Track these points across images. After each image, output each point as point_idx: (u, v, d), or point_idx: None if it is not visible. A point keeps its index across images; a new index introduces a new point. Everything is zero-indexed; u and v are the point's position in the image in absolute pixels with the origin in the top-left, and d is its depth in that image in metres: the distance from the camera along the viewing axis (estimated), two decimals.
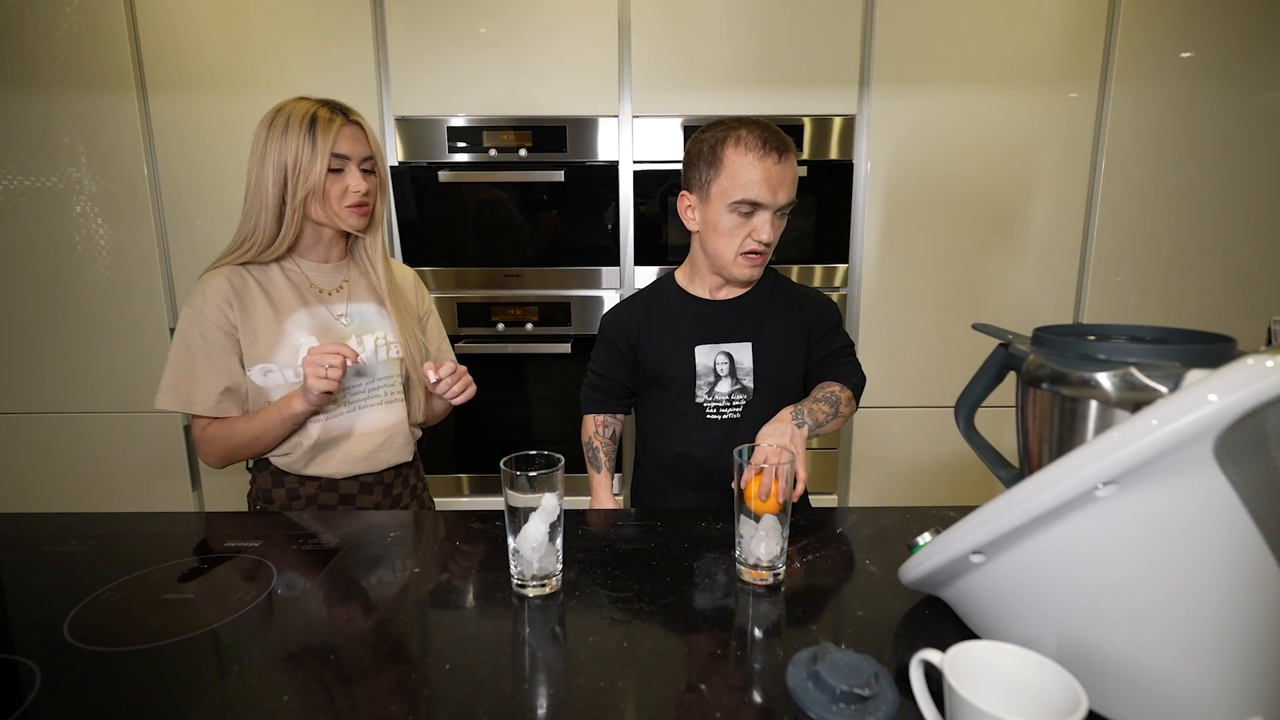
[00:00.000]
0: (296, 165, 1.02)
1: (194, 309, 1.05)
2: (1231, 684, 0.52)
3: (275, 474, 1.12)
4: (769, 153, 1.01)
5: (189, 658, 0.68)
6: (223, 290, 1.05)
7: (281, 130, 1.02)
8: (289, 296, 1.09)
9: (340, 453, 1.11)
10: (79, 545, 0.92)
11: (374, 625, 0.73)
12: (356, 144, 1.05)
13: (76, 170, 1.82)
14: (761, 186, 1.02)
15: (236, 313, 1.05)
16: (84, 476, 1.97)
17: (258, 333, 1.06)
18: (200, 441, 1.09)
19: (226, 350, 1.05)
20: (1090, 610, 0.55)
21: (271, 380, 1.06)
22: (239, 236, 1.07)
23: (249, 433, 1.05)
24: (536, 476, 0.77)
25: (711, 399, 1.15)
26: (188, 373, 1.05)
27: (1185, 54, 1.80)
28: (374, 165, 1.09)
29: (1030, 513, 0.54)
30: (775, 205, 1.04)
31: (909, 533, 0.92)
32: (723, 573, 0.84)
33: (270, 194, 1.03)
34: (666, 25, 1.80)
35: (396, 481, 1.19)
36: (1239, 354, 0.61)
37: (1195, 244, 1.89)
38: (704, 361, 1.14)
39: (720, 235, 1.07)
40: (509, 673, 0.65)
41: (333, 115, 1.04)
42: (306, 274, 1.12)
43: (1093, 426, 0.65)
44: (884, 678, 0.58)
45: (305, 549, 0.90)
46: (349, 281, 1.15)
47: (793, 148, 1.05)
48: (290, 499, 1.12)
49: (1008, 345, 0.77)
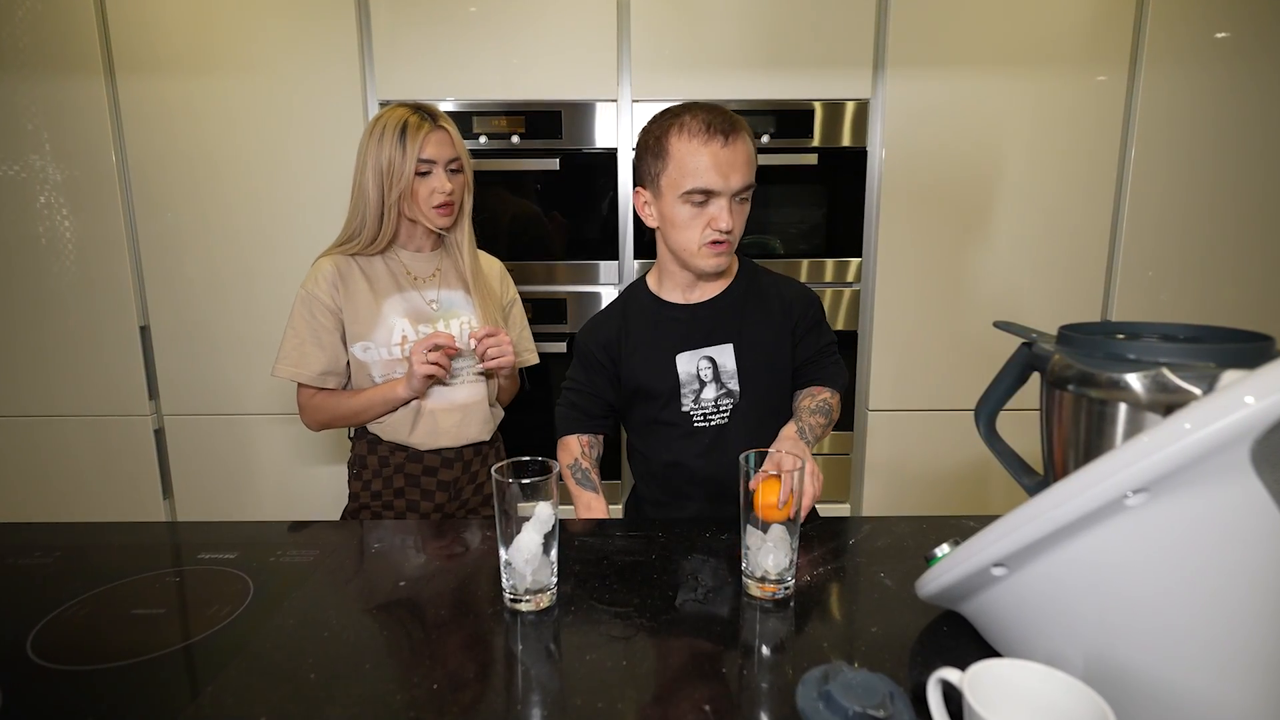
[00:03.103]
0: (390, 169, 1.19)
1: (306, 291, 1.24)
2: (1268, 706, 0.52)
3: (371, 442, 1.31)
4: (714, 136, 1.01)
5: (160, 677, 0.68)
6: (330, 275, 1.24)
7: (379, 138, 1.19)
8: (387, 283, 1.27)
9: (425, 426, 1.27)
10: (43, 557, 0.92)
11: (356, 642, 0.73)
12: (442, 148, 1.21)
13: (40, 158, 1.82)
14: (711, 173, 1.02)
15: (341, 295, 1.24)
16: (49, 484, 1.97)
17: (359, 313, 1.24)
18: (305, 408, 1.29)
19: (331, 329, 1.25)
20: (1120, 627, 0.55)
21: (370, 356, 1.25)
22: (346, 232, 1.26)
23: (353, 407, 1.26)
24: (530, 484, 0.77)
25: (698, 406, 1.15)
26: (297, 347, 1.24)
27: (1220, 34, 1.80)
28: (460, 165, 1.25)
29: (1055, 522, 0.54)
30: (729, 190, 1.03)
31: (926, 544, 0.92)
32: (728, 586, 0.84)
33: (371, 195, 1.21)
34: (668, 4, 1.80)
35: (475, 459, 1.36)
36: (1277, 354, 0.61)
37: (1231, 237, 1.89)
38: (686, 369, 1.15)
39: (679, 229, 1.07)
40: (500, 693, 0.65)
41: (421, 122, 1.20)
42: (404, 263, 1.29)
43: (1122, 431, 0.65)
44: (900, 698, 0.59)
45: (283, 560, 0.90)
46: (441, 270, 1.32)
47: (744, 127, 1.04)
48: (381, 466, 1.30)
49: (1031, 344, 0.77)
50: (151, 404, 1.94)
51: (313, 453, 1.98)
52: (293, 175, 1.84)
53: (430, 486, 1.31)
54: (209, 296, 1.90)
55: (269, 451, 1.98)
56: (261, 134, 1.83)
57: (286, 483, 2.00)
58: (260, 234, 1.87)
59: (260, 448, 1.98)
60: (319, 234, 1.64)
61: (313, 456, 1.98)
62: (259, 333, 1.90)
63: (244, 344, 1.91)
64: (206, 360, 1.93)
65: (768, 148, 1.85)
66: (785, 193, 1.89)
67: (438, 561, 0.92)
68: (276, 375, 1.25)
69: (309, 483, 2.00)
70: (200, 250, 1.88)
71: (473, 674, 0.68)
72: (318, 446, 1.97)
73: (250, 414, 1.95)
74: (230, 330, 1.91)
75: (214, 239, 1.87)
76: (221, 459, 1.98)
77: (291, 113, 1.82)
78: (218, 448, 1.98)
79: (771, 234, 1.91)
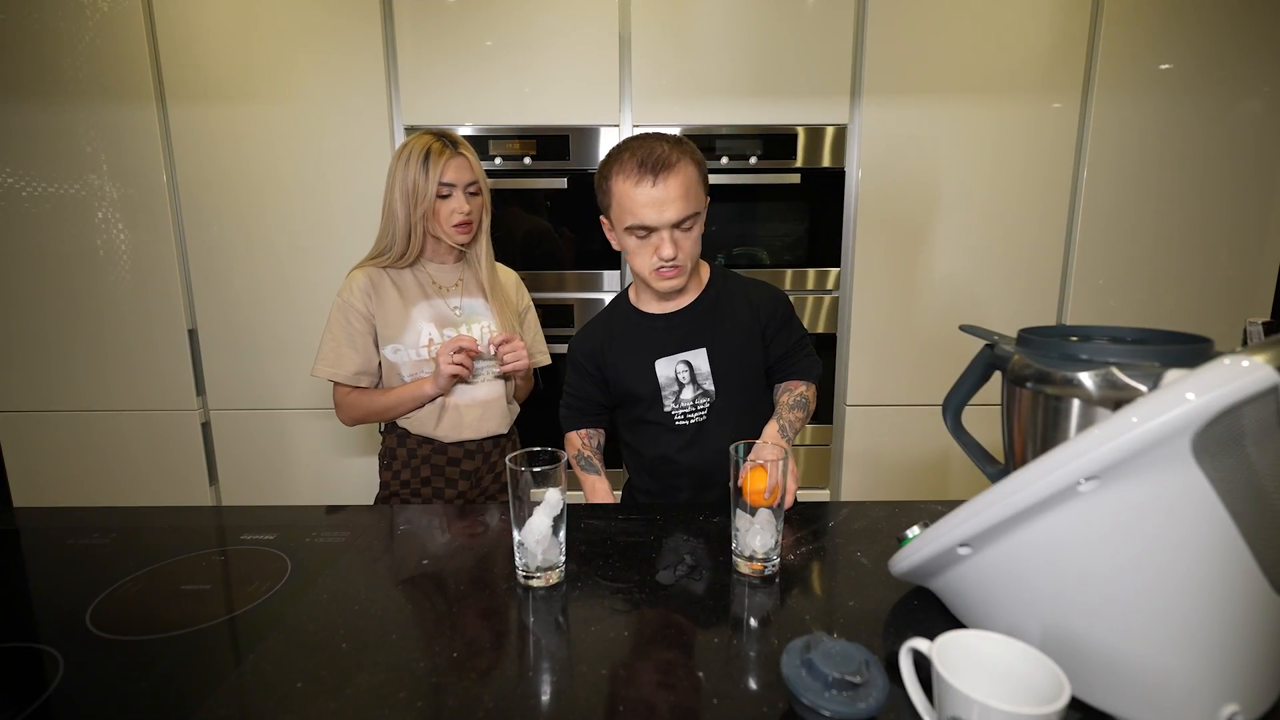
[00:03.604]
0: (415, 191, 1.20)
1: (342, 299, 1.25)
2: (1208, 672, 0.52)
3: (400, 435, 1.31)
4: (644, 176, 0.99)
5: (206, 646, 0.68)
6: (363, 284, 1.25)
7: (405, 162, 1.20)
8: (414, 291, 1.27)
9: (449, 420, 1.28)
10: (101, 538, 0.92)
11: (384, 615, 0.73)
12: (461, 172, 1.21)
13: (98, 177, 1.82)
14: (646, 210, 1.00)
15: (373, 302, 1.25)
16: (106, 472, 1.97)
17: (390, 319, 1.25)
18: (341, 405, 1.29)
19: (364, 333, 1.25)
20: (1073, 601, 0.55)
21: (400, 357, 1.26)
22: (378, 247, 1.27)
23: (385, 403, 1.26)
24: (540, 472, 0.77)
25: (678, 406, 1.15)
26: (334, 349, 1.25)
27: (1164, 66, 1.80)
28: (478, 188, 1.25)
29: (1015, 507, 0.54)
30: (665, 224, 1.01)
31: (898, 526, 0.92)
32: (719, 565, 0.84)
33: (399, 214, 1.22)
34: (665, 38, 1.80)
35: (495, 451, 1.35)
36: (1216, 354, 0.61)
37: (1173, 248, 1.89)
38: (665, 373, 1.15)
39: (633, 255, 1.07)
40: (514, 660, 0.65)
41: (443, 149, 1.20)
42: (430, 274, 1.30)
43: (1075, 424, 0.65)
44: (874, 665, 0.58)
45: (318, 541, 0.90)
46: (463, 280, 1.32)
47: (679, 160, 1.00)
48: (409, 457, 1.31)
49: (993, 346, 0.77)
50: (199, 400, 1.94)
51: (346, 445, 1.98)
52: (326, 193, 1.84)
53: (454, 475, 1.31)
54: (251, 302, 1.90)
55: (306, 443, 1.98)
56: (298, 155, 1.83)
57: (322, 472, 2.00)
58: (297, 246, 1.87)
59: (298, 440, 1.98)
60: (350, 246, 1.64)
61: (346, 448, 1.98)
62: (296, 335, 1.89)
63: (283, 345, 1.91)
64: (249, 360, 1.93)
65: (755, 168, 1.85)
66: (771, 209, 1.89)
67: (458, 542, 0.91)
68: (315, 375, 1.26)
69: (343, 472, 2.00)
70: (243, 261, 1.87)
71: (489, 643, 0.67)
72: (350, 440, 1.97)
73: (289, 409, 1.95)
74: (270, 332, 1.91)
75: (255, 250, 1.87)
76: (262, 450, 1.98)
77: (325, 136, 1.82)
78: (259, 440, 1.97)
79: (759, 246, 1.91)
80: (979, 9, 1.78)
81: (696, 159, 1.04)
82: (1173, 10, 1.77)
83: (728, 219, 1.89)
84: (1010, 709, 0.46)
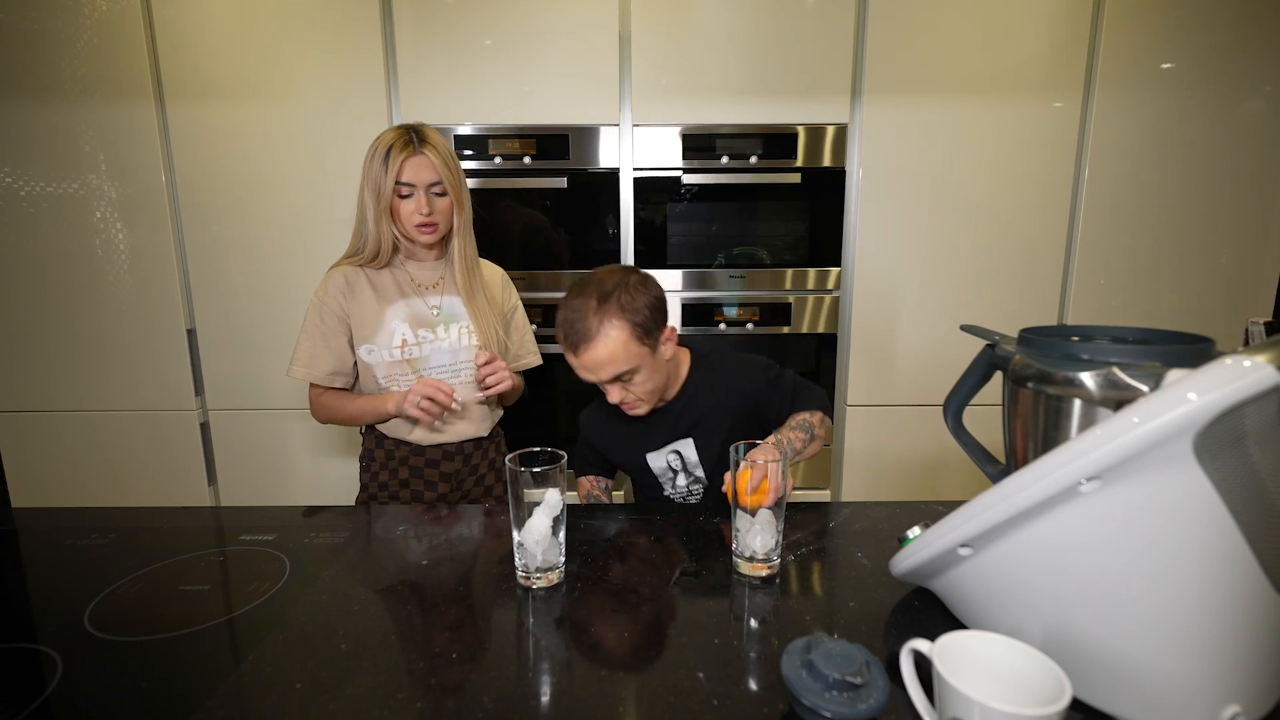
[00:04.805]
0: (376, 187, 1.16)
1: (318, 298, 1.23)
2: (1210, 674, 0.52)
3: (378, 437, 1.29)
4: (569, 348, 1.05)
5: (206, 647, 0.68)
6: (339, 283, 1.22)
7: (371, 157, 1.15)
8: (391, 290, 1.24)
9: (423, 425, 1.24)
10: (99, 539, 0.92)
11: (383, 615, 0.73)
12: (420, 172, 1.15)
13: (97, 177, 1.81)
14: (582, 372, 1.07)
15: (349, 302, 1.22)
16: (105, 472, 1.96)
17: (364, 318, 1.22)
18: (314, 404, 1.28)
19: (339, 333, 1.23)
20: (1074, 602, 0.55)
21: (374, 358, 1.23)
22: (352, 245, 1.24)
23: (350, 411, 1.25)
24: (540, 472, 0.77)
25: (675, 491, 1.21)
26: (309, 349, 1.23)
27: (1165, 65, 1.80)
28: (444, 189, 1.18)
29: (1016, 507, 0.54)
30: (602, 381, 1.07)
31: (899, 526, 0.92)
32: (720, 565, 0.84)
33: (369, 211, 1.18)
34: (665, 37, 1.80)
35: (476, 453, 1.33)
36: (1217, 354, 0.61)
37: (1175, 248, 1.89)
38: (658, 464, 1.20)
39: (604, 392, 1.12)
40: (514, 661, 0.65)
41: (404, 146, 1.14)
42: (410, 272, 1.26)
43: (1076, 424, 0.65)
44: (875, 666, 0.58)
45: (317, 541, 0.90)
46: (444, 279, 1.28)
47: (597, 334, 1.02)
48: (387, 459, 1.29)
49: (994, 346, 0.77)
50: (197, 400, 1.94)
51: (346, 445, 1.98)
52: (325, 192, 1.84)
53: (433, 478, 1.29)
54: (249, 302, 1.90)
55: (305, 443, 1.98)
56: (297, 154, 1.83)
57: (321, 472, 2.00)
58: (296, 245, 1.86)
59: (297, 440, 1.98)
60: None
61: (346, 448, 1.98)
62: (294, 335, 1.88)
63: (282, 345, 1.91)
64: (248, 360, 1.92)
65: (755, 167, 1.85)
66: (772, 208, 1.89)
67: (457, 543, 0.91)
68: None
69: (342, 472, 2.00)
70: (242, 260, 1.87)
71: (489, 644, 0.67)
72: (350, 440, 1.97)
73: (288, 409, 1.95)
74: (269, 332, 1.91)
75: (254, 250, 1.87)
76: (261, 450, 1.98)
77: (324, 135, 1.82)
78: (258, 440, 1.97)
79: (759, 246, 1.91)
80: (980, 8, 1.77)
81: (625, 319, 1.02)
82: (1174, 9, 1.77)
83: (728, 219, 1.89)
84: (1011, 710, 0.46)
